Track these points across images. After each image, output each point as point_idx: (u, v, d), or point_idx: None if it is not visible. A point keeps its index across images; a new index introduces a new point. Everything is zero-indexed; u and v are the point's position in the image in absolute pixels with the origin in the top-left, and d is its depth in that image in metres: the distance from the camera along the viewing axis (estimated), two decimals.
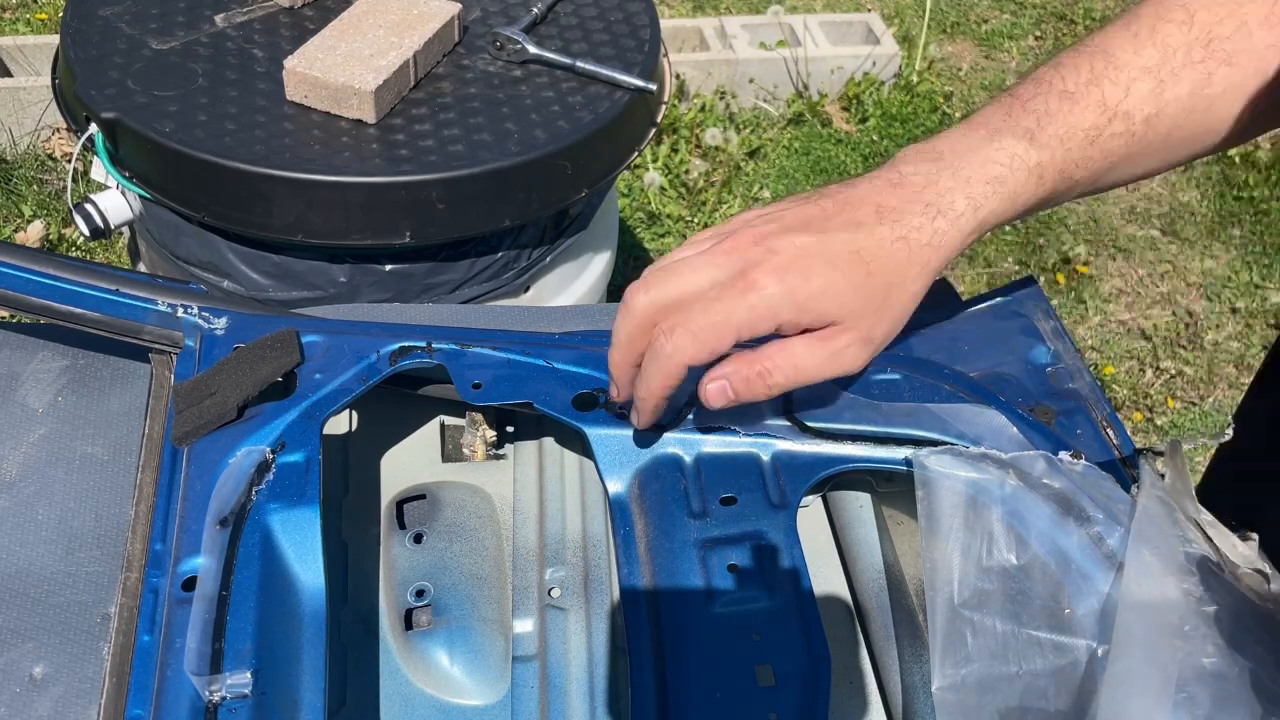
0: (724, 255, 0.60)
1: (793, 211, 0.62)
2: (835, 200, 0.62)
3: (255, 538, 0.65)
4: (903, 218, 0.61)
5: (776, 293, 0.58)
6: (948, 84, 3.05)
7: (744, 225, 0.62)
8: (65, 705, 0.63)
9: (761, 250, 0.59)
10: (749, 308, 0.58)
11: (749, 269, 0.58)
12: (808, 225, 0.60)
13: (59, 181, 2.40)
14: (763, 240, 0.59)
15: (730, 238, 0.60)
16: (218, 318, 0.79)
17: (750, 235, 0.60)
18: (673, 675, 0.62)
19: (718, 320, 0.58)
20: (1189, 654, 0.60)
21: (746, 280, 0.58)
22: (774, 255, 0.58)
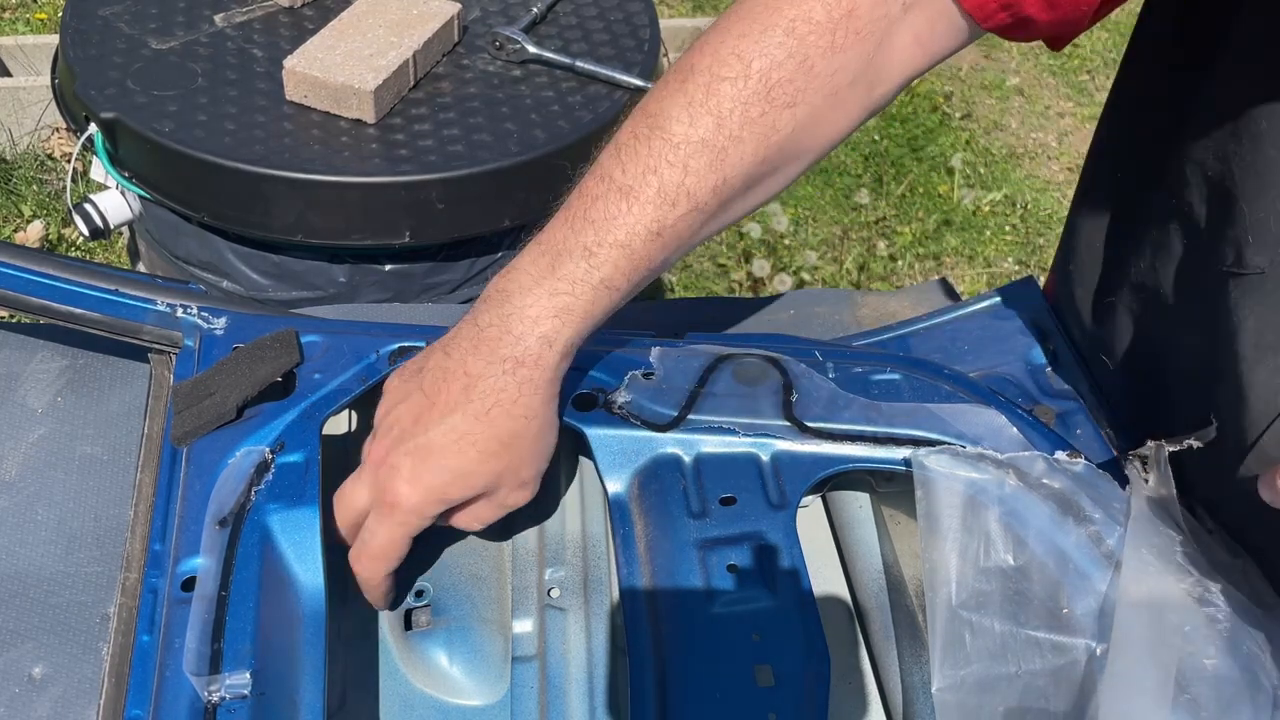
0: (369, 473, 0.65)
1: (405, 408, 0.65)
2: (435, 379, 0.65)
3: (254, 538, 0.65)
4: (488, 385, 0.63)
5: (418, 500, 0.63)
6: (947, 84, 3.05)
7: (378, 435, 0.66)
8: (65, 705, 0.63)
9: (387, 469, 0.64)
10: (400, 523, 0.64)
11: (385, 488, 0.64)
12: (416, 423, 0.64)
13: (59, 181, 2.40)
14: (387, 457, 0.64)
15: (370, 453, 0.66)
16: (217, 318, 0.79)
17: (379, 452, 0.65)
18: (672, 675, 0.62)
19: (384, 541, 0.65)
20: (1190, 655, 0.60)
21: (388, 499, 0.63)
22: (398, 469, 0.63)
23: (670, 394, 0.74)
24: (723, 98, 0.61)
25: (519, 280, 0.64)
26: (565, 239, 0.64)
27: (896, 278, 2.50)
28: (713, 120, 0.61)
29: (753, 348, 0.78)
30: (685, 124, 0.62)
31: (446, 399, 0.64)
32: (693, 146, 0.62)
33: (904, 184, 2.68)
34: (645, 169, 0.62)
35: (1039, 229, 2.68)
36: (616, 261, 0.63)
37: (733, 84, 0.61)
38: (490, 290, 0.65)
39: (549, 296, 0.63)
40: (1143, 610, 0.62)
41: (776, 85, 0.61)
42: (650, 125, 0.63)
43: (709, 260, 2.47)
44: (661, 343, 0.79)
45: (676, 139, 0.62)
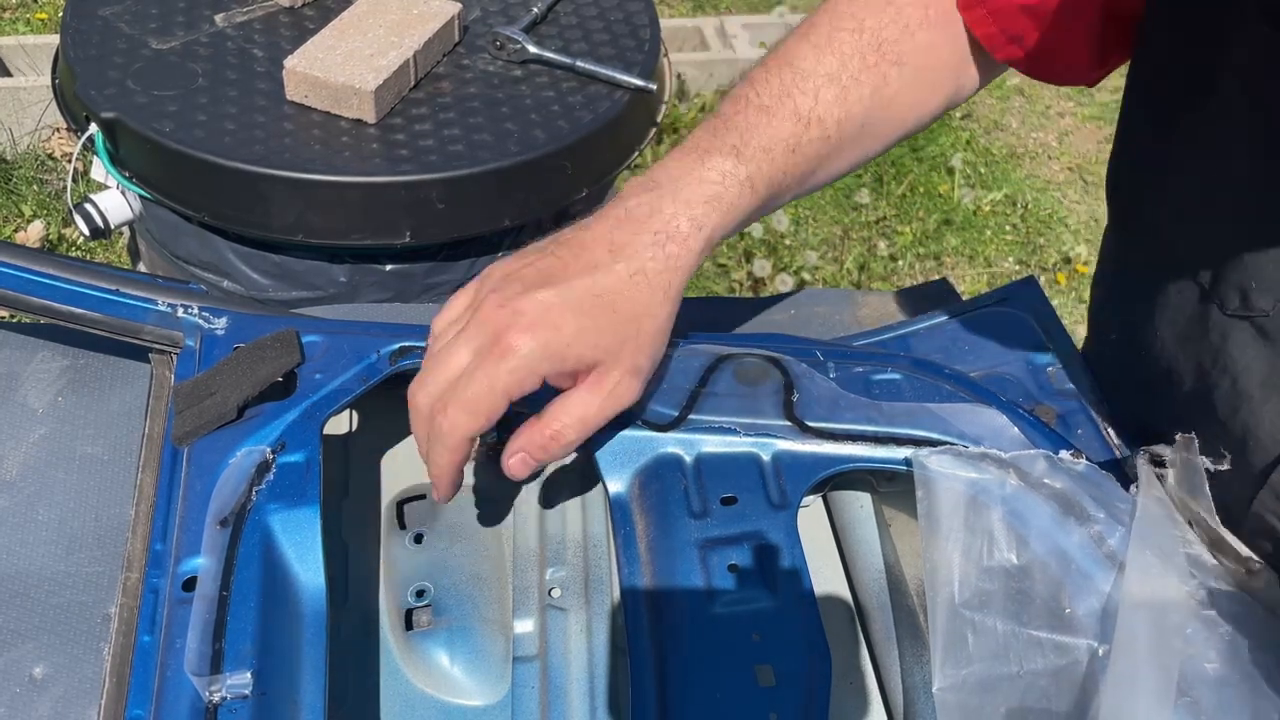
0: (476, 328, 0.63)
1: (532, 268, 0.64)
2: (570, 247, 0.65)
3: (255, 538, 0.65)
4: (635, 251, 0.64)
5: (531, 350, 0.61)
6: None
7: (489, 293, 0.64)
8: (65, 705, 0.63)
9: (508, 314, 0.62)
10: (509, 370, 0.61)
11: (501, 335, 0.61)
12: (548, 279, 0.63)
13: (59, 181, 2.40)
14: (508, 304, 0.62)
15: (479, 309, 0.63)
16: (218, 318, 0.79)
17: (495, 301, 0.63)
18: (673, 675, 0.62)
19: (483, 389, 0.61)
20: (1191, 658, 0.60)
21: (501, 346, 0.61)
22: (521, 316, 0.61)
23: (671, 394, 0.74)
24: (843, 44, 0.71)
25: (668, 172, 0.67)
26: (710, 141, 0.68)
27: (897, 277, 2.50)
28: (836, 60, 0.71)
29: (753, 348, 0.78)
30: (812, 60, 0.71)
31: (588, 259, 0.63)
32: (820, 79, 0.71)
33: (904, 184, 2.68)
34: (780, 93, 0.70)
35: (1039, 229, 2.68)
36: (759, 163, 0.68)
37: (850, 34, 0.72)
38: (633, 184, 0.67)
39: (699, 184, 0.66)
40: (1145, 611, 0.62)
41: (885, 42, 0.72)
42: (780, 63, 0.71)
43: (709, 260, 2.47)
44: None
45: (805, 71, 0.71)
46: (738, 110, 0.70)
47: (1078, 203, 2.75)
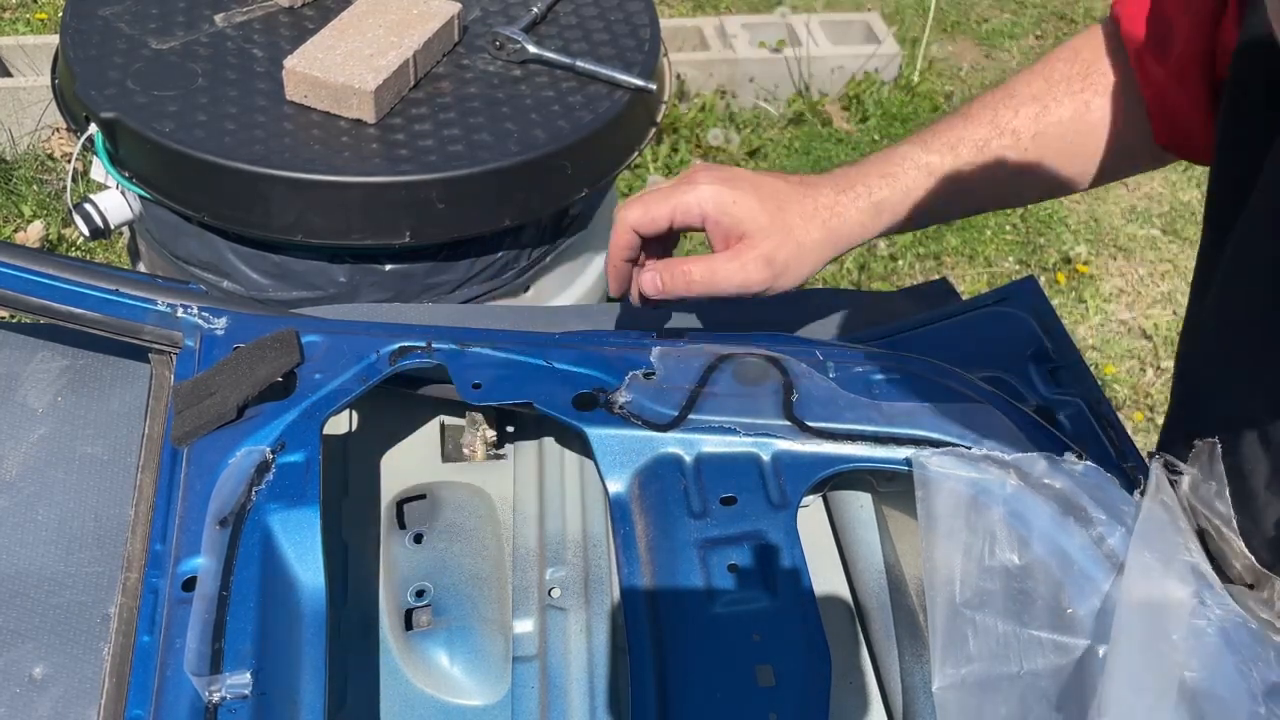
0: (682, 174, 0.79)
1: (740, 167, 0.82)
2: (773, 173, 0.80)
3: (255, 538, 0.65)
4: (816, 189, 0.79)
5: (707, 190, 0.75)
6: (948, 84, 3.05)
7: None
8: (65, 705, 0.63)
9: (706, 170, 0.78)
10: (682, 194, 0.76)
11: (693, 175, 0.77)
12: (749, 173, 0.79)
13: (59, 181, 2.40)
14: (712, 168, 0.78)
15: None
16: (217, 318, 0.79)
17: (703, 165, 0.79)
18: (673, 675, 0.62)
19: (659, 198, 0.76)
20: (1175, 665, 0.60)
21: (689, 180, 0.77)
22: (714, 171, 0.77)
23: (671, 394, 0.74)
24: (1054, 69, 0.81)
25: (867, 157, 0.81)
26: (909, 139, 0.81)
27: (897, 277, 2.49)
28: (1043, 82, 0.80)
29: (753, 347, 0.78)
30: (1024, 83, 0.81)
31: (780, 177, 0.79)
32: (1025, 98, 0.80)
33: None
34: (985, 104, 0.81)
35: (1039, 228, 2.68)
36: (943, 154, 0.79)
37: (1064, 62, 0.81)
38: (839, 165, 0.83)
39: (882, 164, 0.80)
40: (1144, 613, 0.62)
41: (1094, 73, 0.79)
42: (1000, 85, 0.82)
43: None
44: (662, 343, 0.79)
45: (1014, 91, 0.81)
46: (945, 117, 0.82)
47: (1078, 202, 2.75)
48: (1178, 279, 2.61)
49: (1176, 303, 2.56)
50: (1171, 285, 2.60)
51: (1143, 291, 2.58)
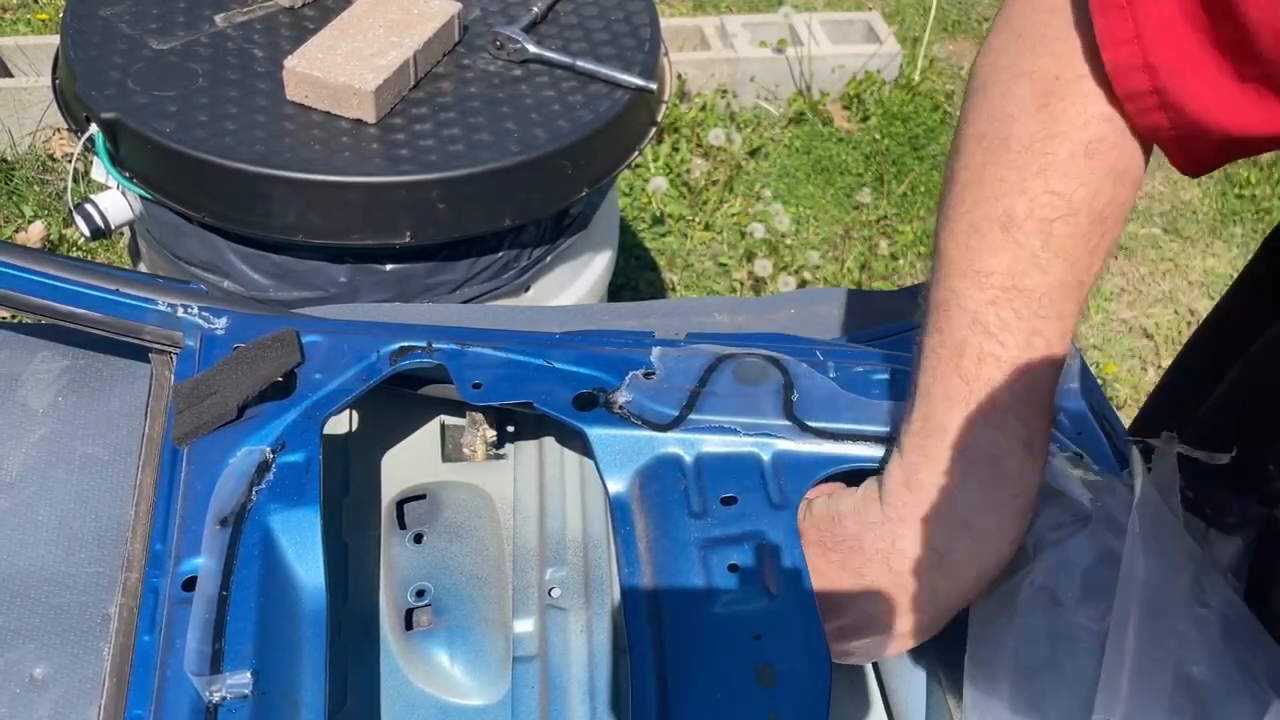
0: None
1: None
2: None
3: (255, 538, 0.65)
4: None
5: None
6: (949, 83, 3.04)
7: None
8: (65, 706, 0.63)
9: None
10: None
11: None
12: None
13: (60, 182, 2.40)
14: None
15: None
16: (218, 318, 0.79)
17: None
18: (673, 675, 0.62)
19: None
20: (1180, 660, 0.60)
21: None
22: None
23: (671, 394, 0.74)
24: (1063, 239, 0.61)
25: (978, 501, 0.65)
26: (966, 421, 0.63)
27: (898, 277, 2.49)
28: (1063, 263, 0.61)
29: (753, 347, 0.78)
30: (1041, 274, 0.61)
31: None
32: (1055, 294, 0.62)
33: (905, 183, 2.68)
34: (1029, 333, 0.62)
35: None
36: (1044, 432, 0.64)
37: (1066, 222, 0.61)
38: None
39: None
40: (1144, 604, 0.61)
41: (1106, 206, 0.61)
42: (1004, 286, 0.62)
43: (711, 260, 2.47)
44: (662, 342, 0.79)
45: (1039, 292, 0.61)
46: (980, 374, 0.62)
47: None
48: (1179, 278, 2.61)
49: (1178, 302, 2.56)
50: (1173, 284, 2.60)
51: (1144, 291, 2.58)
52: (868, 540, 0.65)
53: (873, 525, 0.65)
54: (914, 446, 0.64)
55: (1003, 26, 0.64)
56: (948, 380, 0.63)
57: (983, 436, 0.62)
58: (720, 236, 2.52)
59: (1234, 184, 2.84)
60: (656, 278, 2.41)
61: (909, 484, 0.64)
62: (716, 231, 2.52)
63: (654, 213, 2.51)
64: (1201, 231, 2.73)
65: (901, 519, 0.64)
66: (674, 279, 2.41)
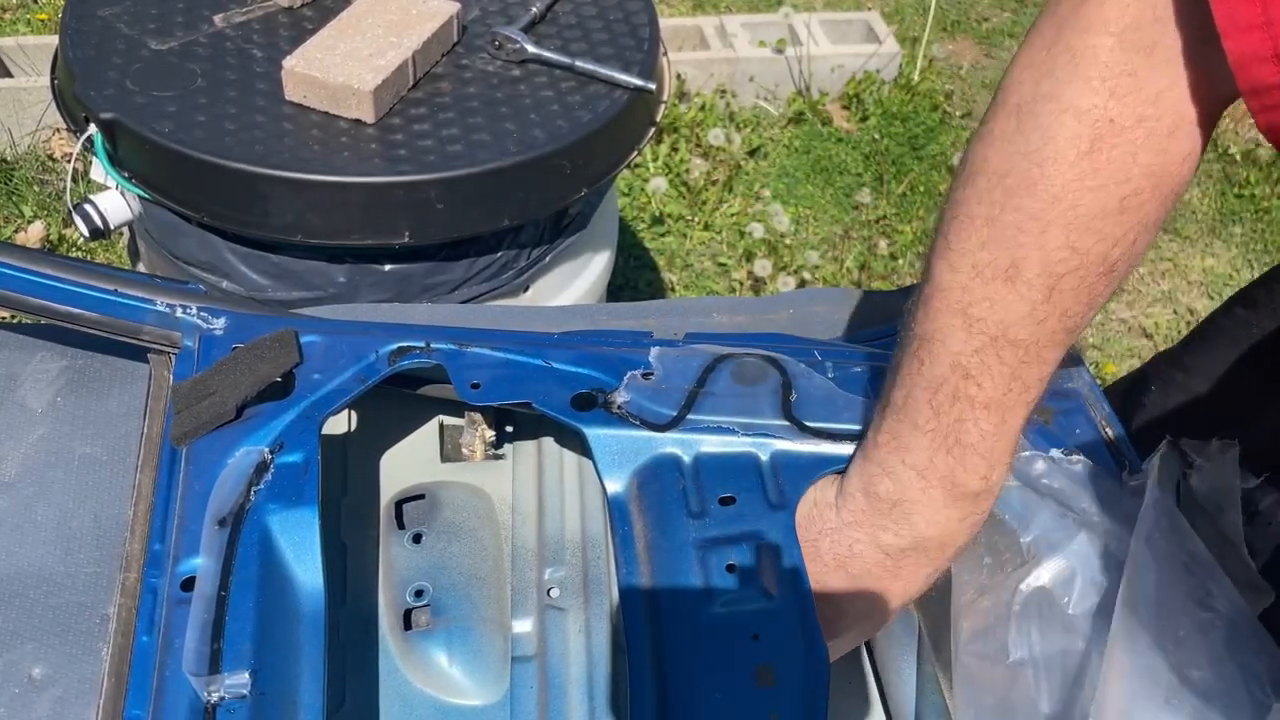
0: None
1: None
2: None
3: (254, 538, 0.65)
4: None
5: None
6: (948, 83, 3.04)
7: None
8: (64, 706, 0.63)
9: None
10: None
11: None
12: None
13: (59, 182, 2.40)
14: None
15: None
16: (216, 318, 0.79)
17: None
18: (672, 675, 0.62)
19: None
20: (1180, 664, 0.60)
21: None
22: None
23: (669, 394, 0.74)
24: (1066, 292, 0.58)
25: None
26: (930, 448, 0.63)
27: (898, 276, 2.49)
28: (1060, 315, 0.59)
29: (752, 347, 0.78)
30: (1035, 326, 0.59)
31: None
32: (1044, 344, 0.60)
33: (905, 183, 2.68)
34: (1009, 378, 0.61)
35: None
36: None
37: (1075, 276, 0.58)
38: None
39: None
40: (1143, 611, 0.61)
41: (1121, 258, 0.58)
42: (995, 335, 0.60)
43: (710, 260, 2.47)
44: (661, 343, 0.79)
45: (1028, 343, 0.60)
46: (961, 415, 0.62)
47: None
48: (1177, 278, 2.61)
49: (1176, 301, 2.56)
50: (1171, 284, 2.60)
51: (1143, 290, 2.58)
52: (824, 547, 0.67)
53: (829, 532, 0.67)
54: (876, 459, 0.65)
55: (1053, 37, 0.56)
56: (919, 408, 0.63)
57: (943, 465, 0.63)
58: (719, 236, 2.52)
59: (1233, 184, 2.84)
60: (656, 278, 2.41)
61: (867, 493, 0.66)
62: (716, 231, 2.52)
63: (653, 213, 2.51)
64: (1201, 231, 2.73)
65: (857, 524, 0.66)
66: (673, 279, 2.41)
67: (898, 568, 0.66)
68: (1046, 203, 0.56)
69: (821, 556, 0.67)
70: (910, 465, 0.63)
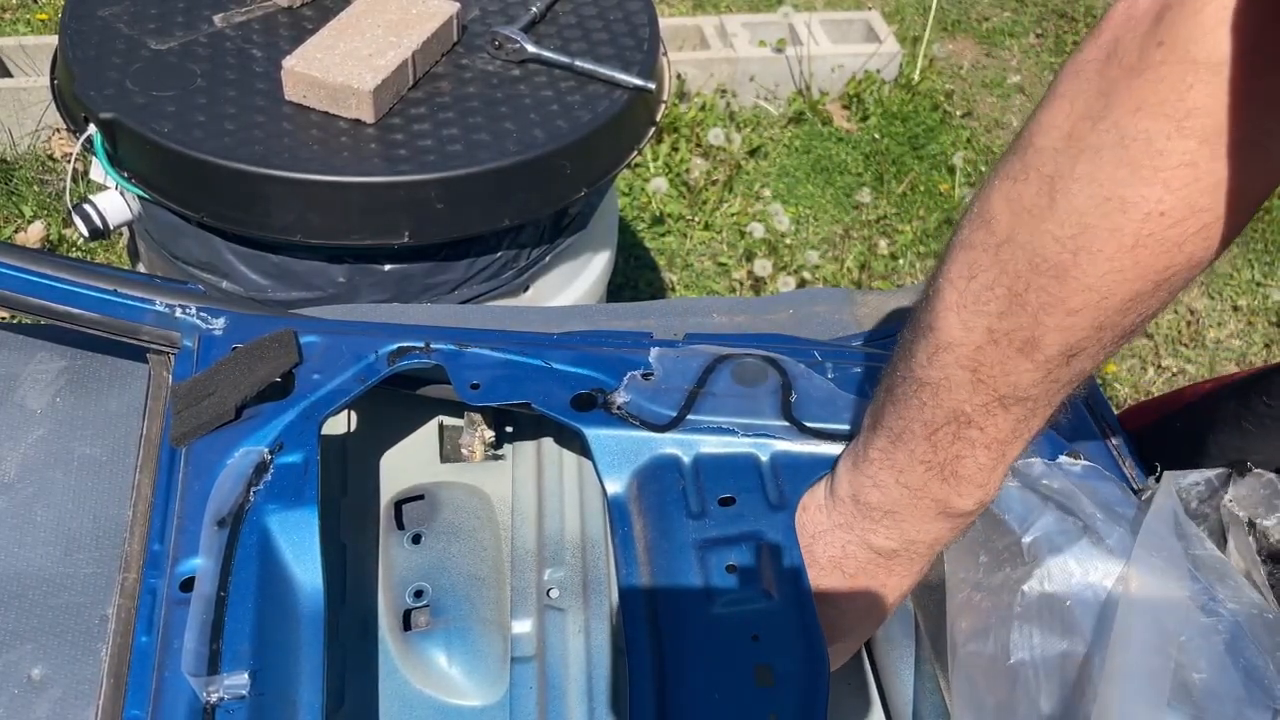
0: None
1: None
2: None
3: (253, 538, 0.65)
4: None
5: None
6: (948, 82, 3.04)
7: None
8: (64, 706, 0.63)
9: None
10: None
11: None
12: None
13: (59, 182, 2.40)
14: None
15: None
16: (216, 318, 0.79)
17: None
18: (672, 676, 0.62)
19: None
20: (1180, 666, 0.59)
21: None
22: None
23: (669, 394, 0.74)
24: (1083, 358, 0.55)
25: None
26: (925, 475, 0.62)
27: (898, 276, 2.49)
28: (1071, 375, 0.57)
29: (752, 348, 0.78)
30: (1048, 386, 0.57)
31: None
32: (1053, 397, 0.58)
33: (905, 182, 2.68)
34: (1014, 424, 0.59)
35: None
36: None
37: (1094, 341, 0.54)
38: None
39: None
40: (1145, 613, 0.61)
41: (1138, 322, 0.54)
42: (1003, 394, 0.58)
43: (710, 260, 2.47)
44: (660, 343, 0.79)
45: (1036, 397, 0.58)
46: (961, 451, 0.60)
47: None
48: None
49: (1178, 301, 2.56)
50: None
51: None
52: (819, 550, 0.67)
53: (821, 534, 0.67)
54: (868, 471, 0.65)
55: (1099, 109, 0.49)
56: (916, 442, 0.62)
57: (937, 490, 0.63)
58: (720, 236, 2.52)
59: None
60: (656, 278, 2.40)
61: (857, 500, 0.66)
62: (716, 231, 2.52)
63: (653, 212, 2.51)
64: None
65: (848, 526, 0.66)
66: (673, 279, 2.41)
67: (890, 565, 0.66)
68: (1076, 291, 0.52)
69: (817, 559, 0.67)
70: (903, 484, 0.63)
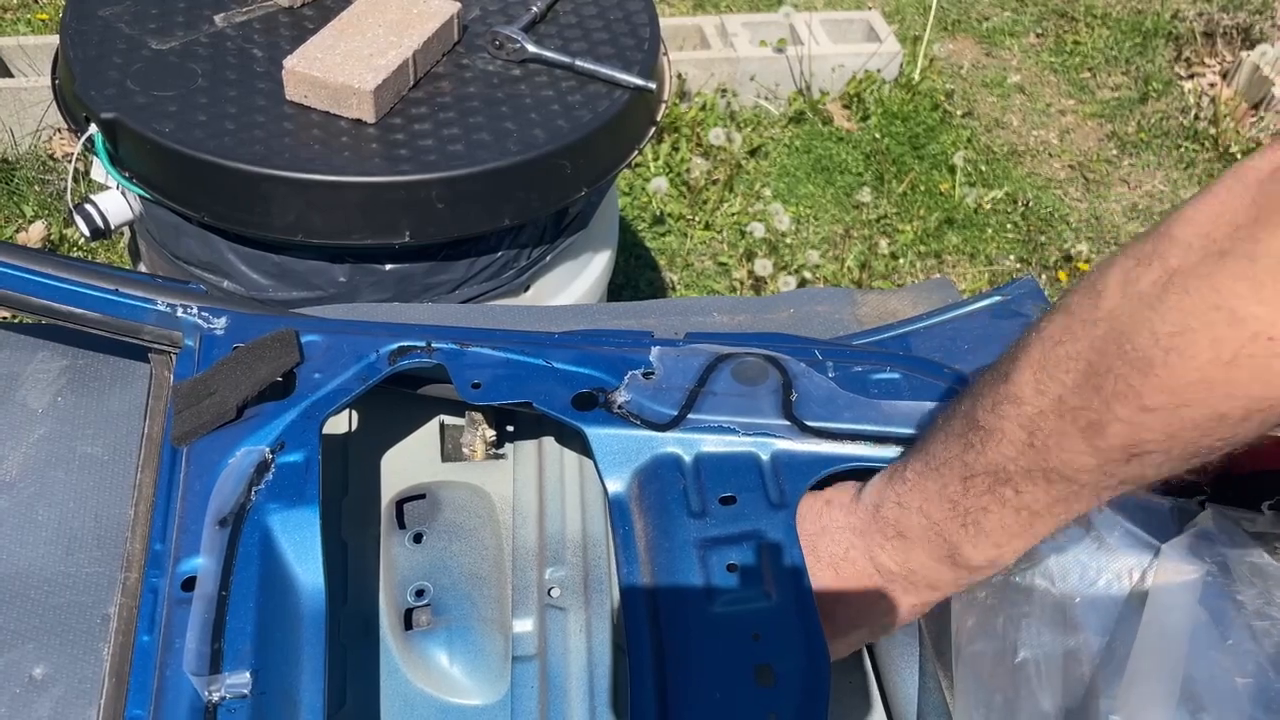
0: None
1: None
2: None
3: (255, 538, 0.65)
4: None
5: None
6: (949, 82, 3.04)
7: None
8: (65, 705, 0.63)
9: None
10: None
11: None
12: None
13: (60, 182, 2.40)
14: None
15: None
16: (217, 318, 0.79)
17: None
18: (672, 675, 0.62)
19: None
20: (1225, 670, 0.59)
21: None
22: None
23: (670, 393, 0.74)
24: (1145, 465, 0.53)
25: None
26: (948, 514, 0.61)
27: (898, 275, 2.49)
28: (1129, 476, 0.54)
29: (752, 347, 0.78)
30: (1096, 476, 0.54)
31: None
32: (1101, 489, 0.56)
33: (905, 182, 2.68)
34: (1051, 501, 0.57)
35: (1040, 226, 2.68)
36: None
37: (1161, 456, 0.52)
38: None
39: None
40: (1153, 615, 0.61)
41: (1215, 451, 0.51)
42: (1053, 471, 0.56)
43: (710, 259, 2.47)
44: (661, 342, 0.79)
45: (1086, 481, 0.55)
46: (988, 510, 0.59)
47: (1079, 200, 2.74)
48: None
49: None
50: None
51: None
52: (823, 545, 0.67)
53: (831, 529, 0.67)
54: (897, 489, 0.65)
55: (1247, 217, 0.47)
56: (952, 478, 0.61)
57: (953, 534, 0.62)
58: (720, 236, 2.52)
59: None
60: (656, 277, 2.40)
61: (877, 511, 0.66)
62: (716, 231, 2.52)
63: (654, 212, 2.51)
64: None
65: (860, 532, 0.66)
66: (674, 278, 2.41)
67: (885, 586, 0.66)
68: (1155, 390, 0.49)
69: (818, 553, 0.67)
70: (924, 513, 0.63)
